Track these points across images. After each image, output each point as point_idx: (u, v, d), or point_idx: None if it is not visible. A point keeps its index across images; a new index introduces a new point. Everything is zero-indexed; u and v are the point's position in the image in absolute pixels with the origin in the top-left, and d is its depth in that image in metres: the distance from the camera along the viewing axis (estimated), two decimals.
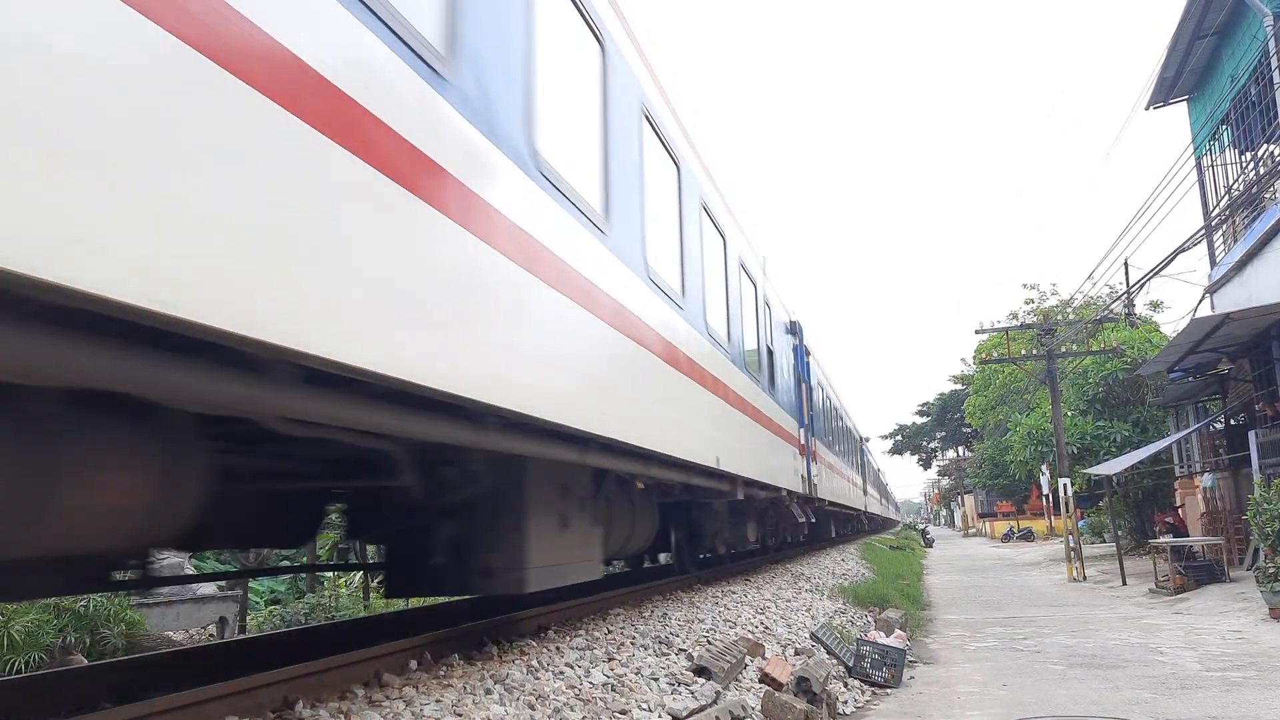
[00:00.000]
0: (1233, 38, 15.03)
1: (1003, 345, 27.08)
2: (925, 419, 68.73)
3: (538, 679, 4.30)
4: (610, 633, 6.03)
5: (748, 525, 11.84)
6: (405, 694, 3.80)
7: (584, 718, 3.85)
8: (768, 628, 7.39)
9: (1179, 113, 18.11)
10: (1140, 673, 6.91)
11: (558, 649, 5.16)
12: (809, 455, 13.88)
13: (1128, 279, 19.14)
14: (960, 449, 66.18)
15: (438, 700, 3.72)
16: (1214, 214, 15.56)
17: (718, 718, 4.09)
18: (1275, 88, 13.02)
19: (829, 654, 6.81)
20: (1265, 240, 12.68)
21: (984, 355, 32.17)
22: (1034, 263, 71.22)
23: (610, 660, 5.02)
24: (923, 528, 57.26)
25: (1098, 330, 23.57)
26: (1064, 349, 22.17)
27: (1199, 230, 15.37)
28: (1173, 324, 25.63)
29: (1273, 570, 9.72)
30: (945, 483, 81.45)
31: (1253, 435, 14.19)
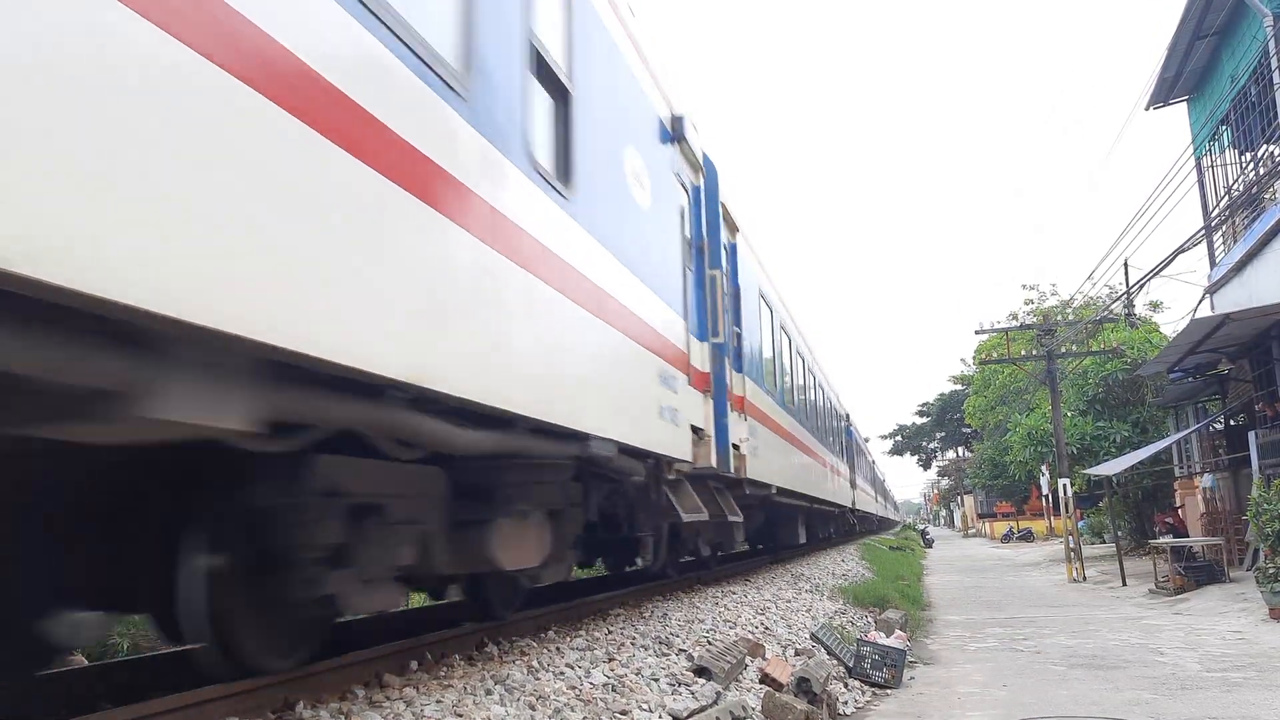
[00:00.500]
0: (1233, 38, 15.03)
1: (1002, 346, 27.13)
2: (925, 419, 68.80)
3: (538, 679, 4.30)
4: (610, 633, 6.03)
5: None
6: (406, 694, 3.80)
7: (584, 718, 3.85)
8: (768, 628, 7.39)
9: (1179, 113, 18.13)
10: (1140, 673, 6.91)
11: (558, 649, 5.16)
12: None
13: (1127, 279, 19.19)
14: (960, 449, 66.23)
15: (438, 701, 3.72)
16: (1214, 214, 15.57)
17: (718, 718, 4.09)
18: (1275, 88, 13.03)
19: (829, 654, 6.81)
20: (1265, 240, 12.68)
21: (984, 356, 32.23)
22: (1034, 263, 71.24)
23: (610, 661, 5.02)
24: (922, 528, 57.31)
25: (1097, 330, 23.58)
26: (1064, 349, 22.18)
27: (1199, 230, 15.39)
28: (1173, 324, 25.64)
29: (1273, 570, 9.72)
30: (945, 483, 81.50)
31: (1252, 435, 14.19)
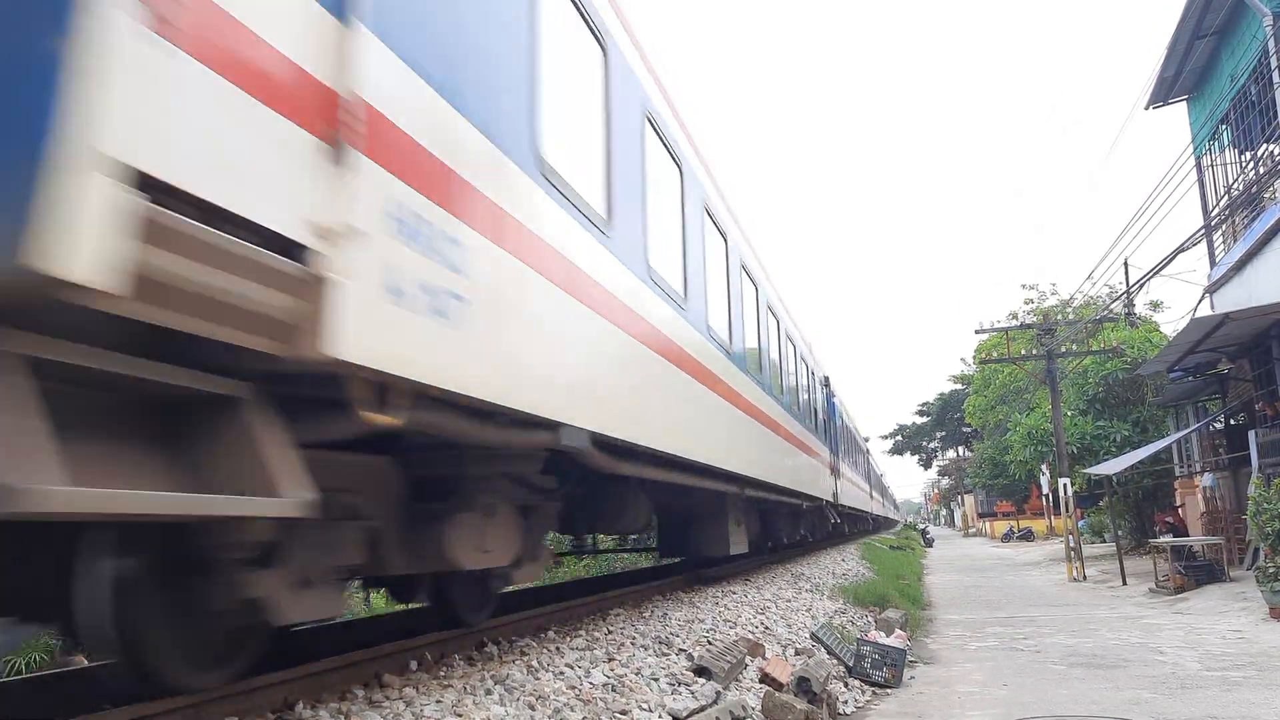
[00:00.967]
0: (1232, 37, 15.03)
1: (1003, 345, 27.09)
2: (925, 419, 68.82)
3: (538, 679, 4.30)
4: (610, 633, 6.03)
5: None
6: (405, 694, 3.80)
7: (584, 718, 3.85)
8: (768, 628, 7.39)
9: (1179, 112, 18.12)
10: (1140, 672, 6.91)
11: (558, 649, 5.16)
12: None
13: (1127, 279, 19.13)
14: (960, 449, 66.24)
15: (438, 701, 3.72)
16: (1214, 214, 15.57)
17: (718, 718, 4.09)
18: (1275, 87, 13.03)
19: (829, 654, 6.81)
20: (1265, 240, 12.68)
21: (984, 355, 32.19)
22: (1034, 263, 71.10)
23: (610, 660, 5.02)
24: (923, 528, 57.34)
25: (1097, 330, 23.57)
26: (1064, 349, 22.17)
27: (1199, 230, 15.38)
28: (1173, 324, 25.60)
29: (1273, 570, 9.72)
30: (945, 483, 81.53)
31: (1252, 435, 14.19)
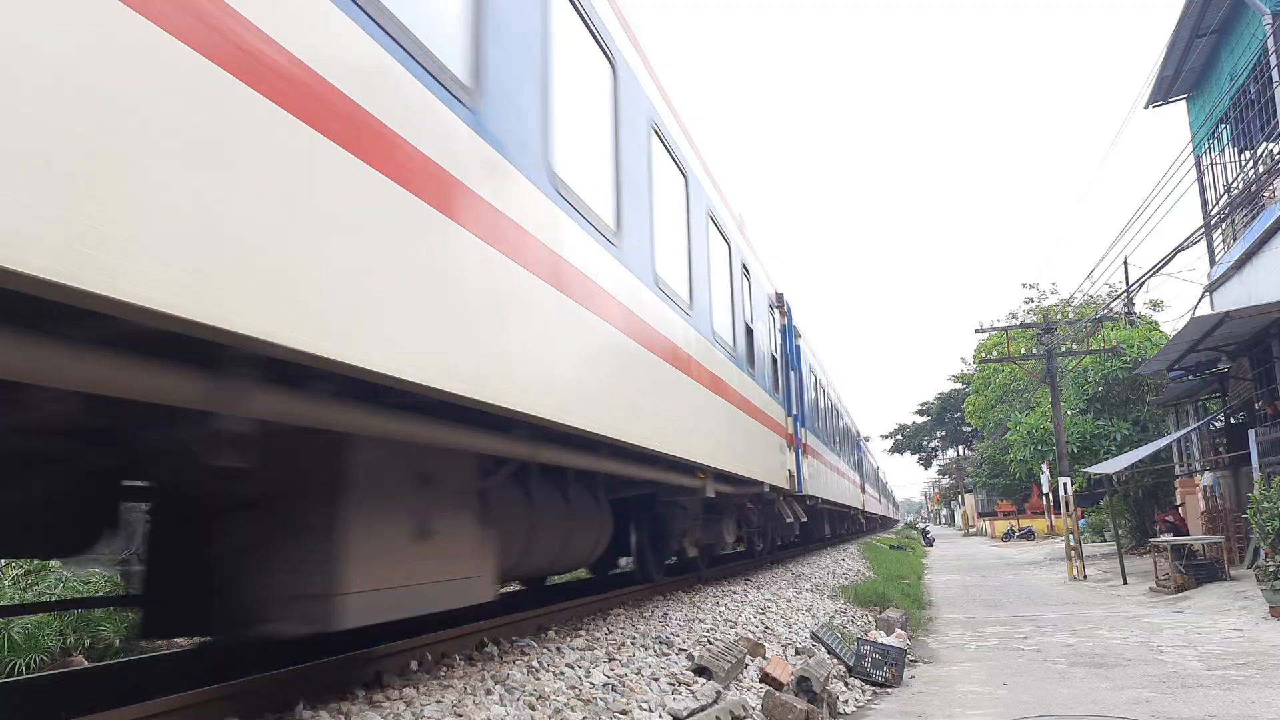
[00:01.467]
0: (1232, 36, 15.03)
1: (1003, 344, 27.10)
2: (925, 418, 68.79)
3: (538, 679, 4.30)
4: (611, 633, 6.03)
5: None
6: (406, 694, 3.80)
7: (584, 718, 3.85)
8: (768, 627, 7.39)
9: (1178, 111, 18.12)
10: (1141, 672, 6.90)
11: (558, 649, 5.16)
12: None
13: (1127, 278, 19.17)
14: (960, 448, 66.23)
15: (438, 701, 3.72)
16: (1213, 212, 15.56)
17: (718, 718, 4.09)
18: (1274, 86, 13.03)
19: (829, 654, 6.81)
20: (1264, 239, 12.68)
21: (984, 354, 32.18)
22: (1034, 263, 71.20)
23: (611, 660, 5.02)
24: (923, 527, 57.40)
25: (1097, 329, 23.58)
26: (1064, 348, 22.17)
27: (1198, 229, 15.39)
28: (1172, 323, 25.60)
29: (1273, 569, 9.71)
30: (945, 482, 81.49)
31: (1252, 434, 14.19)
